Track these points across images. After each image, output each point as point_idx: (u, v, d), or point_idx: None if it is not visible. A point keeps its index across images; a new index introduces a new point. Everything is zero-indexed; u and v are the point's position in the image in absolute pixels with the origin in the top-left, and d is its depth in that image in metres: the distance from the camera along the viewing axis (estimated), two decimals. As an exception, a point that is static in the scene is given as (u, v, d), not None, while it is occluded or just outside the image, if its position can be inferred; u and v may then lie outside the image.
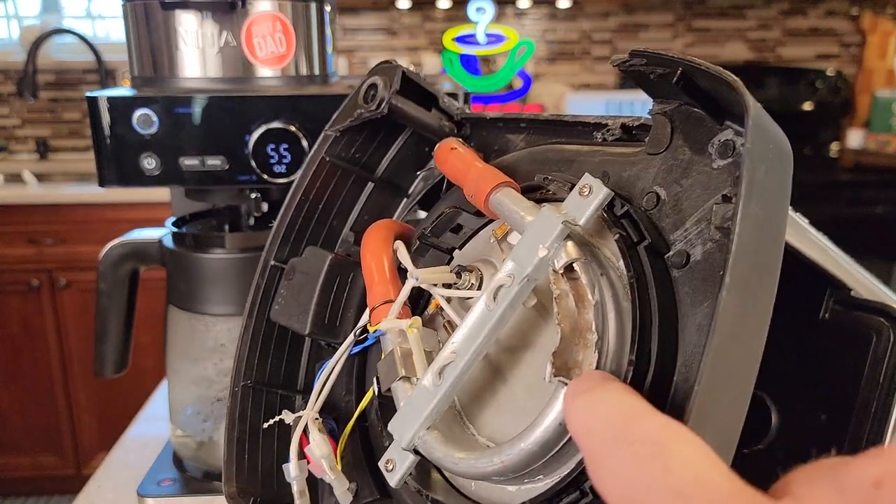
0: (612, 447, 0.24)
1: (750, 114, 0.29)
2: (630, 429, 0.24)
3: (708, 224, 0.35)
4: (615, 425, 0.25)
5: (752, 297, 0.29)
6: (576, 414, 0.27)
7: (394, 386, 0.42)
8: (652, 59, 0.36)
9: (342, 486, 0.48)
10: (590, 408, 0.26)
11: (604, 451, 0.24)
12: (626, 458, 0.23)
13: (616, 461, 0.23)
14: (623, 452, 0.23)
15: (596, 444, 0.25)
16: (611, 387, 0.28)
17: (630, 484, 0.22)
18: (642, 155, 0.39)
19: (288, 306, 0.54)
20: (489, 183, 0.41)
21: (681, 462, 0.22)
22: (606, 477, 0.24)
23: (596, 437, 0.25)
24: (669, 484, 0.21)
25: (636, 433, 0.24)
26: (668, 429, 0.23)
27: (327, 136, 0.55)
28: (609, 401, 0.26)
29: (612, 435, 0.24)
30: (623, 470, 0.23)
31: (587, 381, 0.29)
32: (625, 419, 0.25)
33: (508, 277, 0.36)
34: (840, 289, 0.48)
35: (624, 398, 0.27)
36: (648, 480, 0.22)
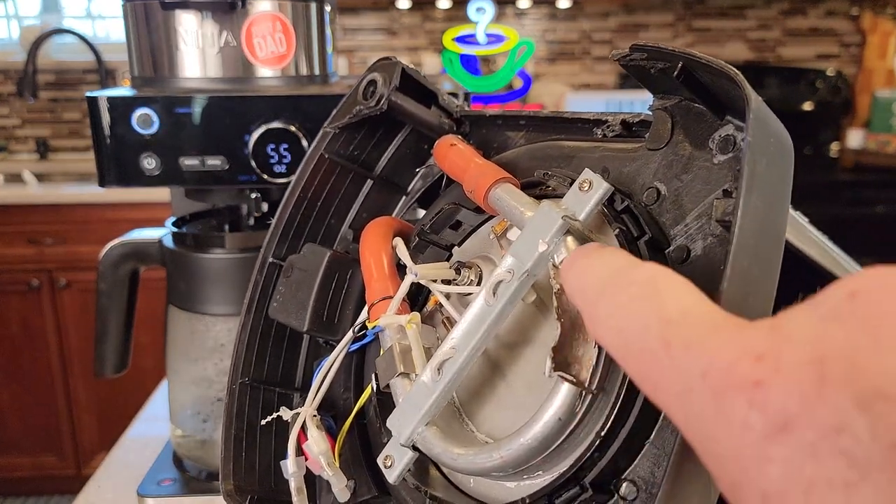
0: (607, 292, 0.25)
1: (751, 107, 0.29)
2: (623, 275, 0.25)
3: (708, 219, 0.35)
4: (610, 275, 0.26)
5: (753, 290, 0.29)
6: (574, 275, 0.28)
7: (392, 382, 0.42)
8: (652, 53, 0.36)
9: (340, 483, 0.48)
10: (587, 266, 0.28)
11: (600, 297, 0.26)
12: (622, 299, 0.24)
13: (612, 303, 0.25)
14: (618, 295, 0.25)
15: (593, 294, 0.26)
16: (605, 249, 0.30)
17: (626, 322, 0.23)
18: (643, 150, 0.39)
19: (286, 303, 0.54)
20: (489, 178, 0.41)
21: (672, 297, 0.23)
22: (603, 321, 0.25)
23: (593, 288, 0.26)
24: (662, 315, 0.22)
25: (629, 277, 0.25)
26: (658, 271, 0.25)
27: (326, 133, 0.55)
28: (603, 258, 0.28)
29: (608, 282, 0.26)
30: (619, 310, 0.24)
31: (583, 250, 0.30)
32: (618, 268, 0.26)
33: (508, 272, 0.36)
34: (840, 289, 0.48)
35: (617, 254, 0.28)
36: (643, 316, 0.23)
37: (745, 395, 0.18)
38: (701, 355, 0.20)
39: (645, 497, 0.33)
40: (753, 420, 0.18)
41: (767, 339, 0.19)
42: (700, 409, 0.19)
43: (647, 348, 0.22)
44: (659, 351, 0.22)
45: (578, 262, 0.29)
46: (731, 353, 0.19)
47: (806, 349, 0.18)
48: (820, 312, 0.19)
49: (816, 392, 0.17)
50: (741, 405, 0.18)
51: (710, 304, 0.23)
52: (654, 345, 0.22)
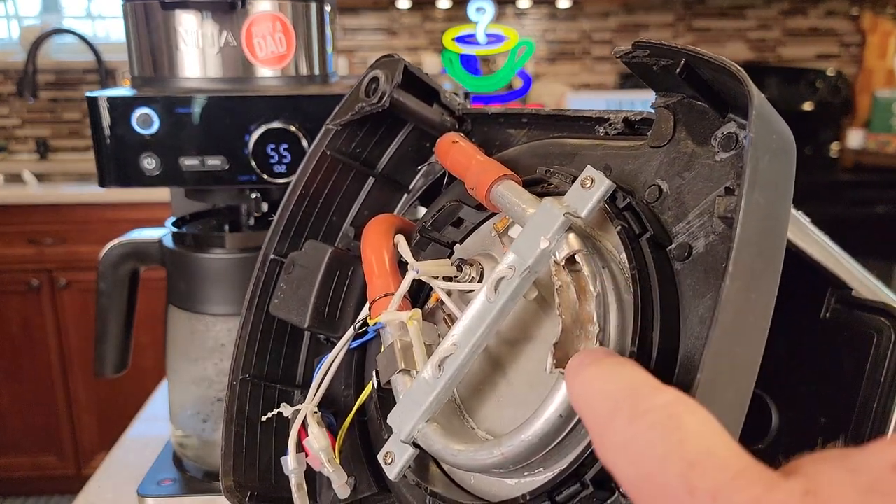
0: (622, 417, 0.23)
1: (754, 103, 0.29)
2: (641, 399, 0.24)
3: (710, 216, 0.35)
4: (625, 396, 0.24)
5: (755, 286, 0.29)
6: (582, 385, 0.26)
7: (393, 379, 0.42)
8: (655, 50, 0.36)
9: (340, 480, 0.48)
10: (597, 378, 0.26)
11: (614, 421, 0.24)
12: (639, 428, 0.23)
13: (627, 432, 0.23)
14: (635, 423, 0.23)
15: (604, 414, 0.24)
16: (617, 360, 0.28)
17: (642, 454, 0.22)
18: (645, 148, 0.39)
19: (287, 300, 0.54)
20: (491, 175, 0.41)
21: (695, 434, 0.21)
22: (615, 448, 0.23)
23: (604, 407, 0.24)
24: (684, 455, 0.21)
25: (648, 404, 0.23)
26: (680, 401, 0.23)
27: (328, 130, 0.55)
28: (617, 373, 0.26)
29: (623, 405, 0.24)
30: (635, 440, 0.22)
31: (592, 355, 0.29)
32: (635, 390, 0.24)
33: (509, 269, 0.36)
34: (841, 288, 0.48)
35: (632, 370, 0.26)
36: (663, 451, 0.21)
37: None
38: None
39: None
40: None
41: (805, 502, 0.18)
42: None
43: (668, 489, 0.21)
44: (682, 495, 0.20)
45: (587, 369, 0.27)
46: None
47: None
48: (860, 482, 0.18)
49: None
50: None
51: (734, 445, 0.21)
52: (676, 487, 0.20)
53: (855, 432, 0.45)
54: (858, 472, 0.18)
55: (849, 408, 0.46)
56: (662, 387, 0.24)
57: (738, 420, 0.30)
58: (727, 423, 0.29)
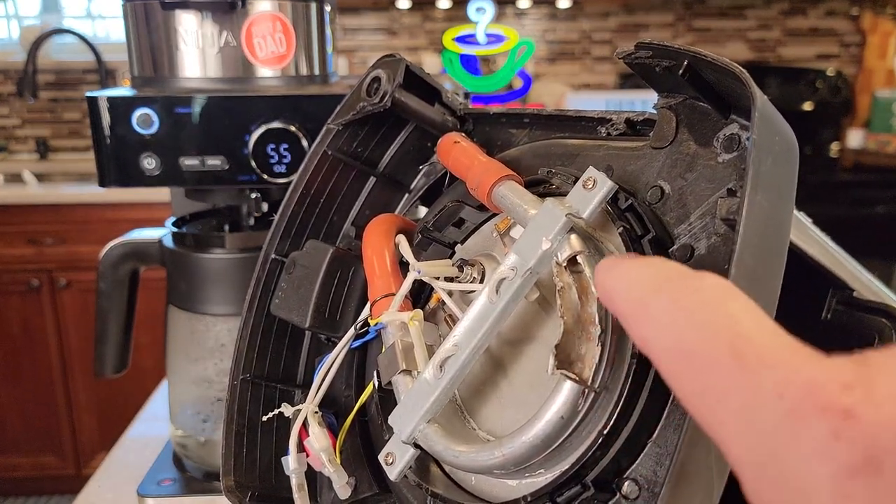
0: (667, 293, 0.23)
1: (756, 105, 0.29)
2: (686, 278, 0.23)
3: (713, 218, 0.35)
4: (669, 276, 0.23)
5: (758, 289, 0.29)
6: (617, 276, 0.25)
7: (394, 379, 0.42)
8: (657, 51, 0.36)
9: (341, 480, 0.48)
10: (633, 267, 0.25)
11: (657, 296, 0.23)
12: (687, 303, 0.22)
13: (671, 305, 0.22)
14: (681, 298, 0.22)
15: (645, 292, 0.23)
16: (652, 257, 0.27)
17: (688, 326, 0.21)
18: (647, 149, 0.39)
19: (288, 300, 0.53)
20: (492, 176, 0.41)
21: (744, 311, 0.21)
22: (656, 320, 0.22)
23: (646, 287, 0.23)
24: (733, 326, 0.20)
25: (694, 283, 0.22)
26: (726, 286, 0.22)
27: (329, 130, 0.55)
28: (654, 261, 0.25)
29: (668, 283, 0.23)
30: (680, 313, 0.22)
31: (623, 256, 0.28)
32: (678, 272, 0.24)
33: (511, 270, 0.36)
34: (842, 289, 0.48)
35: (671, 262, 0.25)
36: (711, 322, 0.21)
37: (830, 424, 0.17)
38: (780, 372, 0.18)
39: (647, 496, 0.33)
40: (838, 452, 0.16)
41: (857, 370, 0.17)
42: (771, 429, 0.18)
43: (713, 358, 0.20)
44: (728, 362, 0.20)
45: (623, 263, 0.26)
46: (817, 375, 0.18)
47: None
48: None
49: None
50: (824, 433, 0.17)
51: (783, 331, 0.21)
52: (722, 355, 0.20)
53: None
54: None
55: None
56: (705, 272, 0.23)
57: None
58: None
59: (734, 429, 0.19)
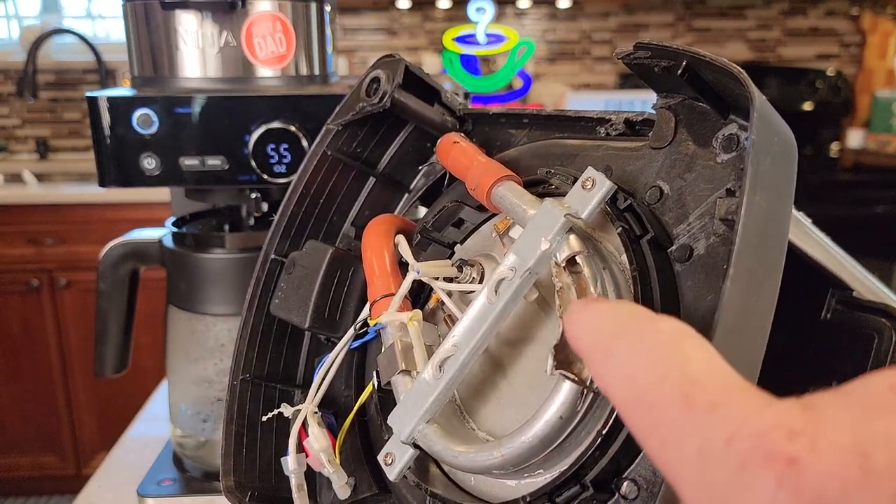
0: (624, 340, 0.23)
1: (755, 105, 0.29)
2: (644, 325, 0.24)
3: (711, 218, 0.35)
4: (628, 322, 0.24)
5: (757, 289, 0.29)
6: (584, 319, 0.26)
7: (394, 379, 0.42)
8: (656, 51, 0.36)
9: (341, 480, 0.48)
10: (600, 312, 0.26)
11: (616, 339, 0.24)
12: (641, 348, 0.22)
13: (629, 348, 0.23)
14: (638, 341, 0.23)
15: (607, 336, 0.24)
16: (621, 300, 0.28)
17: (643, 369, 0.22)
18: (646, 149, 0.39)
19: (288, 300, 0.53)
20: (492, 176, 0.41)
21: (697, 357, 0.21)
22: (616, 365, 0.23)
23: (607, 333, 0.24)
24: (685, 373, 0.21)
25: (652, 326, 0.23)
26: (683, 329, 0.23)
27: (329, 131, 0.55)
28: (619, 306, 0.26)
29: (625, 330, 0.24)
30: (636, 356, 0.22)
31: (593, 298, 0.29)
32: (637, 317, 0.24)
33: (510, 270, 0.36)
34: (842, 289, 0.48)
35: (634, 305, 0.26)
36: (663, 369, 0.21)
37: (776, 471, 0.17)
38: (728, 419, 0.19)
39: (646, 496, 0.33)
40: (782, 499, 0.17)
41: (802, 416, 0.18)
42: (718, 477, 0.18)
43: (664, 402, 0.21)
44: (678, 407, 0.20)
45: (592, 305, 0.26)
46: (763, 422, 0.18)
47: (846, 435, 0.17)
48: (857, 401, 0.18)
49: (858, 482, 0.16)
50: (769, 481, 0.17)
51: (733, 371, 0.21)
52: (673, 399, 0.20)
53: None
54: (856, 394, 0.18)
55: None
56: (664, 316, 0.24)
57: None
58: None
59: (686, 475, 0.19)
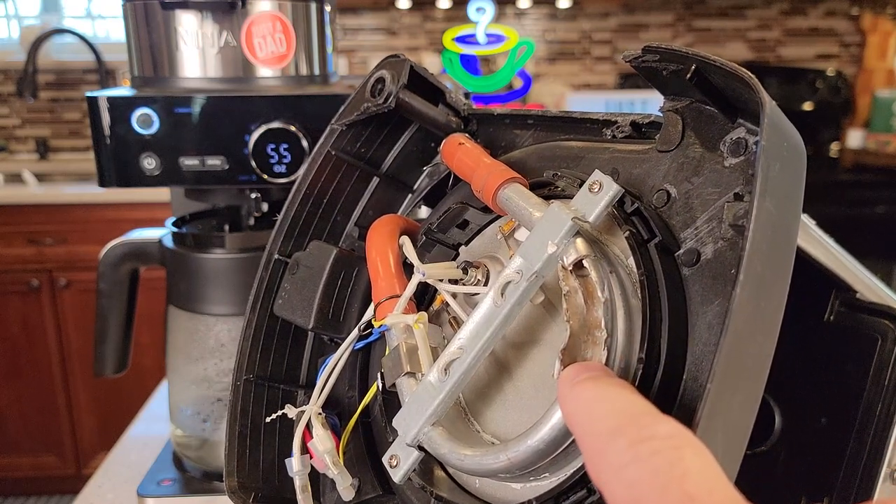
0: (623, 440, 0.23)
1: (765, 111, 0.29)
2: (645, 426, 0.23)
3: (719, 222, 0.34)
4: (627, 418, 0.24)
5: (766, 295, 0.29)
6: (577, 400, 0.26)
7: (398, 381, 0.42)
8: (665, 55, 0.36)
9: (345, 482, 0.47)
10: (595, 397, 0.25)
11: (613, 442, 0.23)
12: (641, 454, 0.22)
13: (626, 455, 0.22)
14: (636, 448, 0.22)
15: (603, 434, 0.24)
16: (615, 380, 0.28)
17: (641, 481, 0.21)
18: (653, 152, 0.39)
19: (291, 301, 0.53)
20: (498, 178, 0.41)
21: (698, 471, 0.21)
22: (612, 469, 0.23)
23: (603, 427, 0.24)
24: (685, 487, 0.21)
25: (651, 431, 0.23)
26: (684, 435, 0.23)
27: (333, 130, 0.55)
28: (616, 393, 0.25)
29: (624, 428, 0.23)
30: (634, 466, 0.22)
31: (588, 369, 0.28)
32: (637, 415, 0.24)
33: (516, 273, 0.35)
34: (845, 291, 0.48)
35: (631, 394, 0.26)
36: (663, 481, 0.21)
37: None
38: None
39: None
40: None
41: None
42: None
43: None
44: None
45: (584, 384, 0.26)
46: None
47: None
48: None
49: None
50: None
51: (734, 490, 0.21)
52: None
53: (858, 436, 0.45)
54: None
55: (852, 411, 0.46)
56: (664, 416, 0.24)
57: (748, 426, 0.29)
58: (735, 430, 0.29)
59: None
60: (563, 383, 0.27)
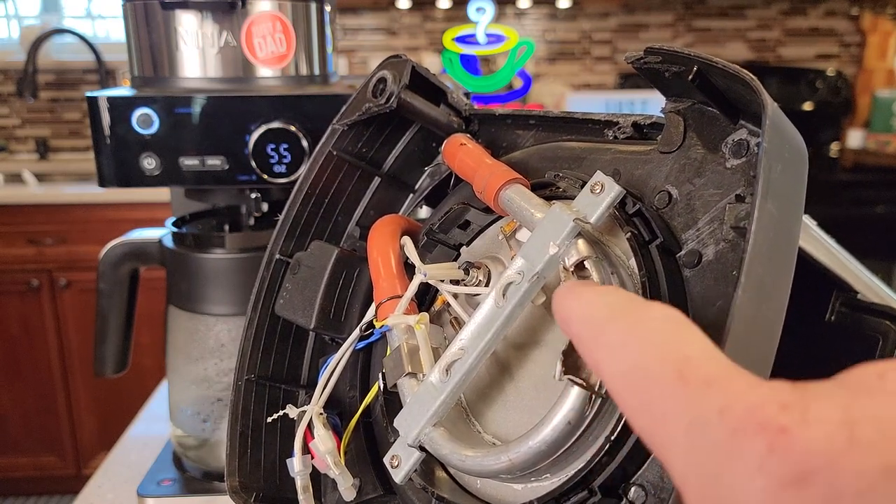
0: (620, 321, 0.24)
1: (767, 113, 0.29)
2: (638, 307, 0.24)
3: (721, 224, 0.34)
4: (623, 305, 0.25)
5: (767, 297, 0.29)
6: (574, 299, 0.27)
7: (400, 382, 0.42)
8: (667, 56, 0.36)
9: (347, 482, 0.47)
10: (591, 293, 0.26)
11: (611, 324, 0.24)
12: (637, 329, 0.23)
13: (624, 330, 0.23)
14: (633, 325, 0.23)
15: (600, 318, 0.25)
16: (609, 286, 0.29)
17: (638, 350, 0.22)
18: (654, 153, 0.39)
19: (293, 300, 0.53)
20: (499, 179, 0.41)
21: (690, 337, 0.22)
22: (609, 346, 0.24)
23: (601, 314, 0.25)
24: (681, 351, 0.21)
25: (646, 312, 0.24)
26: (675, 312, 0.24)
27: (335, 130, 0.55)
28: (610, 290, 0.27)
29: (622, 312, 0.24)
30: (631, 338, 0.23)
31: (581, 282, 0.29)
32: (631, 300, 0.25)
33: (518, 274, 0.35)
34: (846, 291, 0.48)
35: (624, 292, 0.27)
36: (660, 348, 0.22)
37: (767, 439, 0.18)
38: (722, 392, 0.20)
39: (654, 501, 0.33)
40: (772, 465, 0.17)
41: (794, 392, 0.19)
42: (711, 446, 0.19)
43: (658, 376, 0.21)
44: (672, 382, 0.21)
45: (580, 288, 0.27)
46: (756, 396, 0.19)
47: (835, 410, 0.18)
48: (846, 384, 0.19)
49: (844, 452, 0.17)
50: (760, 448, 0.18)
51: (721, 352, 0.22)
52: (668, 374, 0.21)
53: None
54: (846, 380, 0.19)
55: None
56: (656, 302, 0.25)
57: None
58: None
59: (678, 448, 0.20)
60: (557, 294, 0.28)
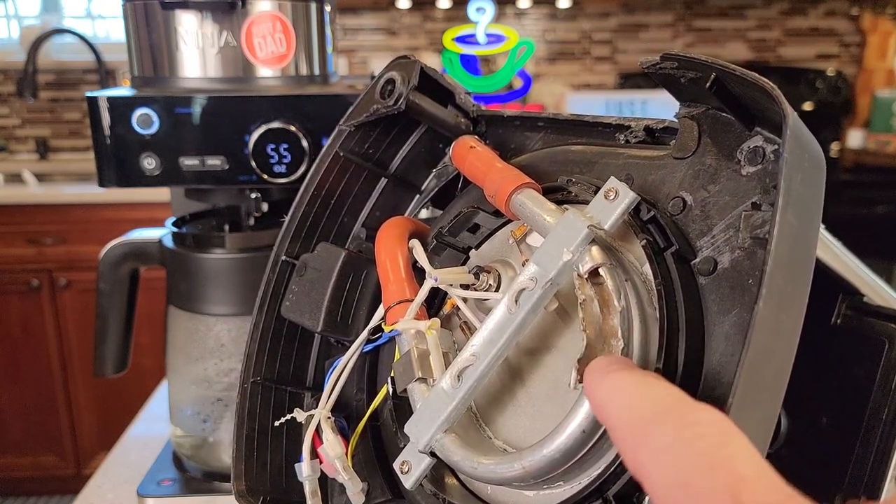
0: (668, 423, 0.23)
1: (788, 122, 0.29)
2: (689, 411, 0.23)
3: (736, 231, 0.34)
4: (670, 404, 0.24)
5: (787, 308, 0.29)
6: (612, 389, 0.26)
7: (410, 387, 0.41)
8: (683, 62, 0.35)
9: (355, 487, 0.47)
10: (631, 385, 0.25)
11: (658, 426, 0.23)
12: (687, 436, 0.22)
13: (672, 437, 0.22)
14: (683, 431, 0.22)
15: (646, 418, 0.24)
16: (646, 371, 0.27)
17: (687, 461, 0.22)
18: (668, 158, 0.39)
19: (299, 303, 0.53)
20: (511, 183, 0.40)
21: (745, 454, 0.21)
22: (655, 452, 0.23)
23: (645, 412, 0.24)
24: (734, 469, 0.21)
25: (696, 416, 0.23)
26: (726, 421, 0.23)
27: (342, 131, 0.55)
28: (651, 381, 0.25)
29: (669, 412, 0.23)
30: (681, 447, 0.22)
31: (618, 361, 0.28)
32: (675, 400, 0.24)
33: (531, 281, 0.35)
34: (852, 295, 0.48)
35: (665, 383, 0.26)
36: (711, 462, 0.21)
37: None
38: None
39: None
40: None
41: None
42: None
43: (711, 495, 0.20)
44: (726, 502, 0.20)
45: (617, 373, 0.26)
46: None
47: None
48: None
49: None
50: None
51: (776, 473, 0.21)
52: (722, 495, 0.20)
53: (865, 439, 0.45)
54: None
55: (859, 414, 0.46)
56: (703, 404, 0.24)
57: (766, 438, 0.29)
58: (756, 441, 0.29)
59: None
60: (592, 373, 0.27)
